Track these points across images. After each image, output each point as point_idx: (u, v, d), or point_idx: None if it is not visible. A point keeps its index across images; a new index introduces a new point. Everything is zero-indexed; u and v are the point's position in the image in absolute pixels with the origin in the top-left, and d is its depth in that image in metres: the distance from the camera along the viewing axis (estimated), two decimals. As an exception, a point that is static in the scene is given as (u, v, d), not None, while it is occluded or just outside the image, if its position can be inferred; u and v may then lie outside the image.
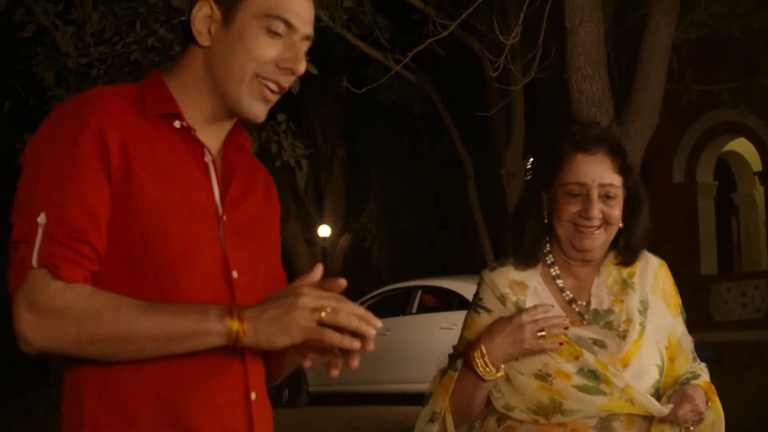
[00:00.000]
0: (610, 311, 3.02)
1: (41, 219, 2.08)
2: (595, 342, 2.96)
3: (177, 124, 2.25)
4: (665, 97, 8.25)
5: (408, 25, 11.17)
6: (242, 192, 2.34)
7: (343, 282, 2.10)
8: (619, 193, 3.01)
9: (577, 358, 2.92)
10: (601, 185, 2.99)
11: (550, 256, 3.10)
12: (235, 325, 2.04)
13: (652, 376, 2.98)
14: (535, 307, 2.93)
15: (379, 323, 2.03)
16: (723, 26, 10.84)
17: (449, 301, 15.79)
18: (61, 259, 2.07)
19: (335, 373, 2.08)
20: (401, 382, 16.16)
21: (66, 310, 2.04)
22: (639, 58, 7.72)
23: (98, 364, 2.11)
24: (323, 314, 2.01)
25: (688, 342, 3.16)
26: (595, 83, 7.67)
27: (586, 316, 3.02)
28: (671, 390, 2.98)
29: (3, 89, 10.08)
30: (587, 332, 2.98)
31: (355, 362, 2.07)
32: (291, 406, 16.44)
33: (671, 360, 3.07)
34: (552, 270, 3.09)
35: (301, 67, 2.29)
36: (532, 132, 12.53)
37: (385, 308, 15.70)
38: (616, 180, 3.00)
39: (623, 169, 3.02)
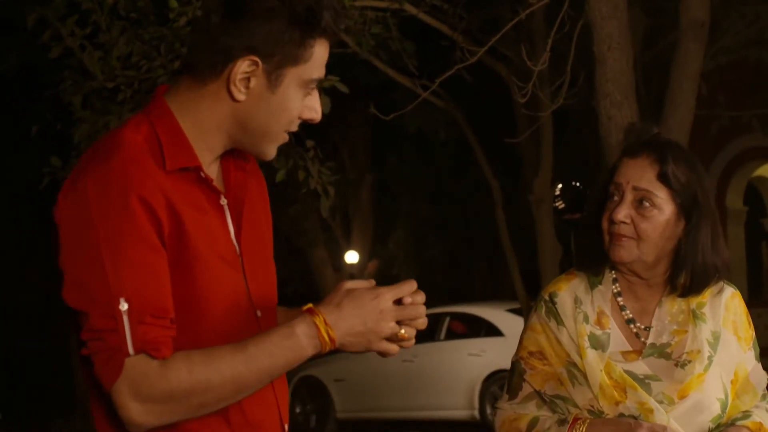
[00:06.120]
0: (667, 344, 2.82)
1: (122, 305, 2.06)
2: (647, 377, 2.77)
3: (193, 170, 2.23)
4: (695, 123, 8.18)
5: (435, 52, 11.14)
6: (251, 220, 2.34)
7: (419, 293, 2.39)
8: (659, 203, 2.77)
9: (617, 404, 2.75)
10: (635, 188, 2.77)
11: (613, 271, 2.90)
12: (327, 345, 2.16)
13: (713, 411, 2.77)
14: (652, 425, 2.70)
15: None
16: (752, 52, 10.77)
17: (477, 327, 15.74)
18: (158, 341, 2.08)
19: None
20: (429, 408, 16.11)
21: (174, 392, 2.06)
22: (668, 85, 7.65)
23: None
24: (398, 335, 2.22)
25: (759, 378, 2.90)
26: (624, 109, 7.62)
27: (645, 342, 2.83)
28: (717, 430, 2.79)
29: (31, 114, 10.13)
30: (641, 367, 2.79)
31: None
32: (318, 433, 16.42)
33: (737, 396, 2.85)
34: (614, 286, 2.88)
35: (320, 114, 2.29)
36: (561, 158, 12.47)
37: (412, 335, 15.62)
38: (656, 188, 2.77)
39: (667, 178, 2.78)
